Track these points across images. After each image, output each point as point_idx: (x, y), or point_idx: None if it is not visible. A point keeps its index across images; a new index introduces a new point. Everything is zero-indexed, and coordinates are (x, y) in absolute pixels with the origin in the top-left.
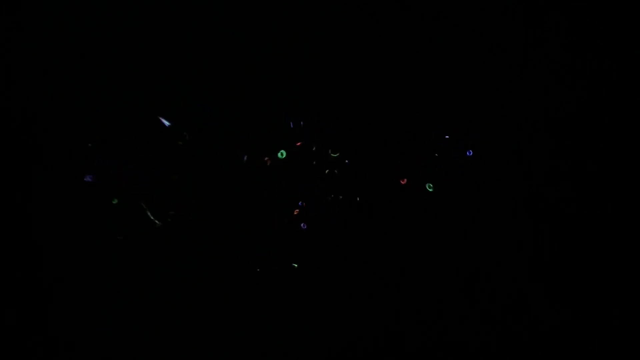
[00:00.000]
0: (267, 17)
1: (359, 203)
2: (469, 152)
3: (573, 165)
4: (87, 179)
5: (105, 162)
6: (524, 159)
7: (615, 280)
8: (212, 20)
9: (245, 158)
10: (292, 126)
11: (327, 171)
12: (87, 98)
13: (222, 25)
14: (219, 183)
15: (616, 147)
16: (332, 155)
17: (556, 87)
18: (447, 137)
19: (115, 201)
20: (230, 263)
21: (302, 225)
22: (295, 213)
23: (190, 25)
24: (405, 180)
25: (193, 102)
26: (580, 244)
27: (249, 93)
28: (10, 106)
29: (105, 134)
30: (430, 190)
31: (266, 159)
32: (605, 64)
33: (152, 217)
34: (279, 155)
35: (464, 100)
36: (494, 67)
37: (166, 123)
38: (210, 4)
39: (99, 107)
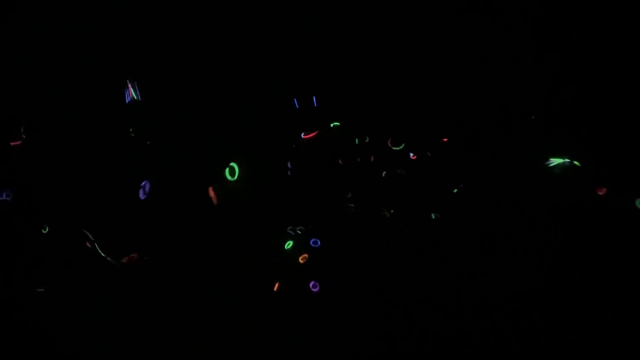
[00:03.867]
0: (267, 17)
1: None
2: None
3: (572, 164)
4: (2, 196)
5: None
6: (524, 158)
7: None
8: (212, 20)
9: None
10: (296, 105)
11: (384, 173)
12: (88, 98)
13: (222, 25)
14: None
15: (616, 147)
16: (394, 148)
17: (556, 87)
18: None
19: (45, 230)
20: (230, 265)
21: (310, 285)
22: (301, 260)
23: (190, 25)
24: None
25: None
26: (579, 240)
27: (249, 93)
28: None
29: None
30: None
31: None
32: (605, 63)
33: (103, 254)
34: (227, 175)
35: (464, 100)
36: (494, 67)
37: (133, 94)
38: (210, 4)
39: (98, 107)
